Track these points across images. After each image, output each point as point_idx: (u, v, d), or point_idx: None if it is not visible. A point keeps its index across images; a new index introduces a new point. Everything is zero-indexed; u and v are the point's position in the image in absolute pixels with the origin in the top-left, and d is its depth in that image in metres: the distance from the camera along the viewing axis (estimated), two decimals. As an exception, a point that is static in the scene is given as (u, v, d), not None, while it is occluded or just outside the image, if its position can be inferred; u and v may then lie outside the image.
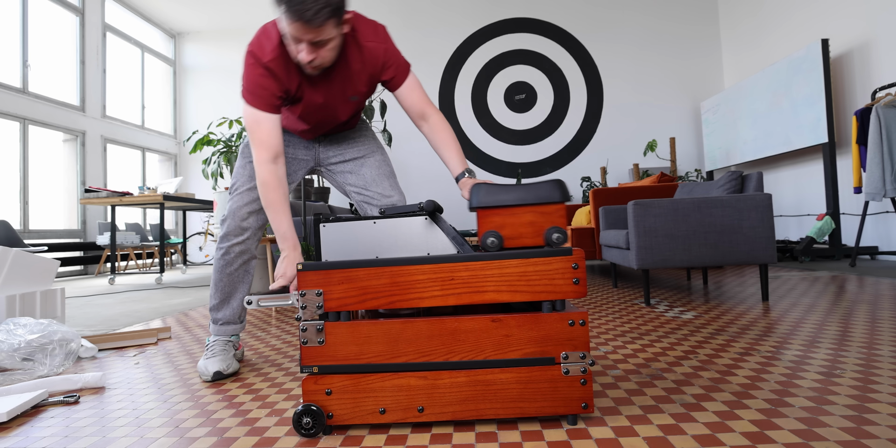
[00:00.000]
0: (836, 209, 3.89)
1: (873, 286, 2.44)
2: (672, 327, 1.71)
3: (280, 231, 1.21)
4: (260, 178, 1.22)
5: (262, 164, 1.21)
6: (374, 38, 1.23)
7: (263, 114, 1.20)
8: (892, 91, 3.67)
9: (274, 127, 1.22)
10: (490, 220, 0.97)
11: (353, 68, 1.24)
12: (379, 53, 1.24)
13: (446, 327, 0.90)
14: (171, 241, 6.18)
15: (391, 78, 1.28)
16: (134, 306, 2.85)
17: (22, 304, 1.79)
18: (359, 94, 1.30)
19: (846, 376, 1.10)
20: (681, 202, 2.11)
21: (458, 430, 0.90)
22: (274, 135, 1.21)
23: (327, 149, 1.45)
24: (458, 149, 1.31)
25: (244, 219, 1.37)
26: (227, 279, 1.39)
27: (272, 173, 1.21)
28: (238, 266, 1.39)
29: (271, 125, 1.21)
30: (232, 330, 1.41)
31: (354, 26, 1.21)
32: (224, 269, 1.39)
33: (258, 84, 1.19)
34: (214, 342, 1.38)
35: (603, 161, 5.91)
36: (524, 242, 0.96)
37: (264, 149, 1.21)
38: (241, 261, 1.39)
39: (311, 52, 1.10)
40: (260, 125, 1.21)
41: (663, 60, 5.90)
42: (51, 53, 5.54)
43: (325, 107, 1.30)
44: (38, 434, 0.97)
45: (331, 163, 1.46)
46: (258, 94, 1.19)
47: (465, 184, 1.22)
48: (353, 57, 1.23)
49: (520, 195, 0.95)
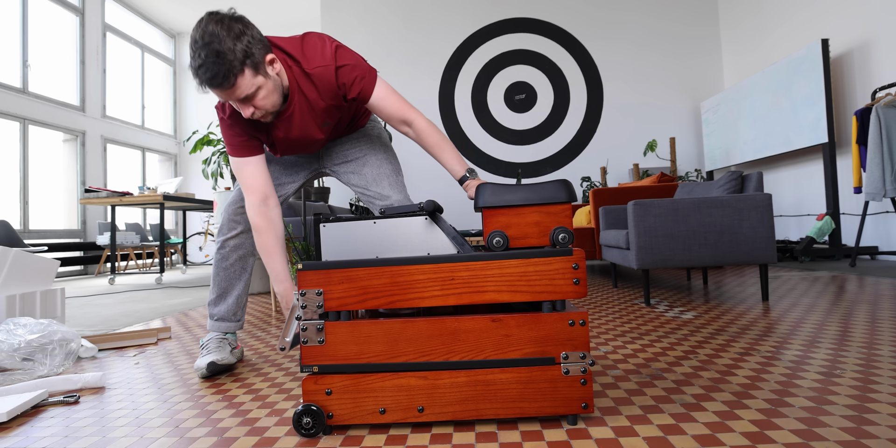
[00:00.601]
0: (836, 209, 3.89)
1: (873, 286, 2.44)
2: (672, 327, 1.71)
3: (273, 273, 1.25)
4: (252, 222, 1.25)
5: (252, 207, 1.25)
6: (320, 61, 1.15)
7: (244, 159, 1.25)
8: (892, 91, 3.67)
9: (257, 169, 1.25)
10: (496, 219, 0.97)
11: (310, 98, 1.20)
12: (329, 77, 1.16)
13: (446, 327, 0.90)
14: (171, 241, 6.18)
15: (357, 94, 1.21)
16: (134, 306, 2.85)
17: (22, 304, 1.79)
18: (331, 119, 1.28)
19: (846, 376, 1.10)
20: (681, 202, 2.11)
21: (458, 430, 0.90)
22: (258, 176, 1.25)
23: (330, 151, 1.46)
24: (453, 150, 1.25)
25: (236, 213, 1.39)
26: (223, 274, 1.41)
27: (262, 216, 1.24)
28: (233, 261, 1.41)
29: (254, 168, 1.25)
30: (227, 327, 1.42)
31: (293, 57, 1.16)
32: (220, 263, 1.41)
33: (229, 134, 1.24)
34: (209, 340, 1.38)
35: (603, 161, 5.91)
36: (530, 242, 0.97)
37: (251, 192, 1.25)
38: (236, 256, 1.41)
39: (248, 108, 1.11)
40: (243, 170, 1.25)
41: (663, 60, 5.90)
42: (51, 53, 5.54)
43: (302, 139, 1.29)
44: (38, 434, 0.97)
45: (334, 164, 1.46)
46: (232, 143, 1.24)
47: (471, 185, 1.20)
48: (306, 87, 1.18)
49: (526, 195, 0.95)
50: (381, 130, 1.51)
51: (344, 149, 1.45)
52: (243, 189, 1.26)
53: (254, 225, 1.25)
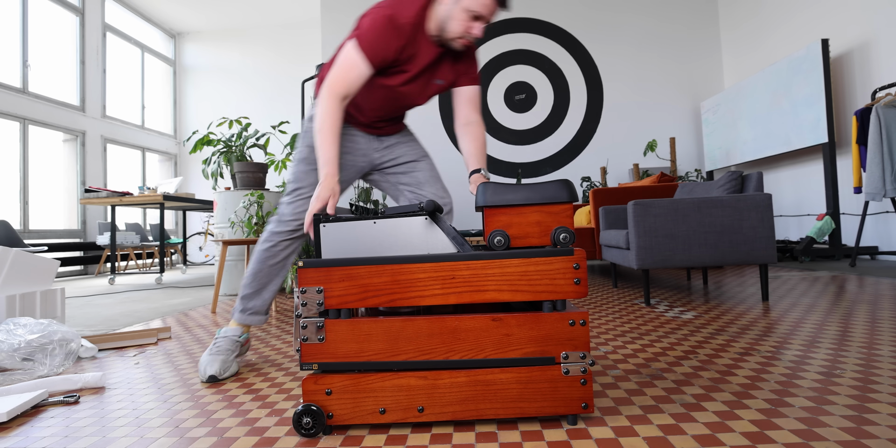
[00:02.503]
0: (836, 209, 3.89)
1: (873, 286, 2.44)
2: (672, 327, 1.71)
3: (326, 155, 1.22)
4: (325, 106, 1.24)
5: (332, 96, 1.24)
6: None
7: (364, 62, 1.24)
8: (892, 91, 3.67)
9: (361, 76, 1.26)
10: (497, 219, 0.97)
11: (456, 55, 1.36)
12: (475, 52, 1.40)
13: (447, 326, 0.90)
14: (171, 241, 6.18)
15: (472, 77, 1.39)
16: (134, 306, 2.85)
17: (22, 304, 1.79)
18: (445, 80, 1.38)
19: (846, 376, 1.10)
20: (681, 202, 2.11)
21: (458, 430, 0.90)
22: (357, 82, 1.26)
23: (382, 155, 1.51)
24: (483, 150, 1.39)
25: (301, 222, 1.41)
26: (266, 270, 1.42)
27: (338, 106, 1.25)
28: (280, 260, 1.43)
29: (360, 73, 1.25)
30: (257, 321, 1.44)
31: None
32: (267, 260, 1.41)
33: (382, 36, 1.22)
34: (224, 339, 1.38)
35: (603, 161, 5.91)
36: (531, 242, 0.96)
37: (343, 87, 1.25)
38: (284, 255, 1.43)
39: (481, 25, 1.22)
40: (353, 70, 1.24)
41: (663, 60, 5.90)
42: (51, 53, 5.54)
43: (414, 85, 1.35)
44: (38, 434, 0.97)
45: (386, 166, 1.52)
46: (375, 44, 1.22)
47: (476, 179, 1.29)
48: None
49: (527, 195, 0.95)
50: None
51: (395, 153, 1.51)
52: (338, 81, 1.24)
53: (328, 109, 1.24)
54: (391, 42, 1.23)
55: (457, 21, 1.21)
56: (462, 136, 1.40)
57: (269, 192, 3.42)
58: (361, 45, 1.22)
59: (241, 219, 3.23)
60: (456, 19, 1.21)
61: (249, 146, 4.07)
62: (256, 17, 7.24)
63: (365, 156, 1.48)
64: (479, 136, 1.40)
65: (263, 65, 7.45)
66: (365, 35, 1.22)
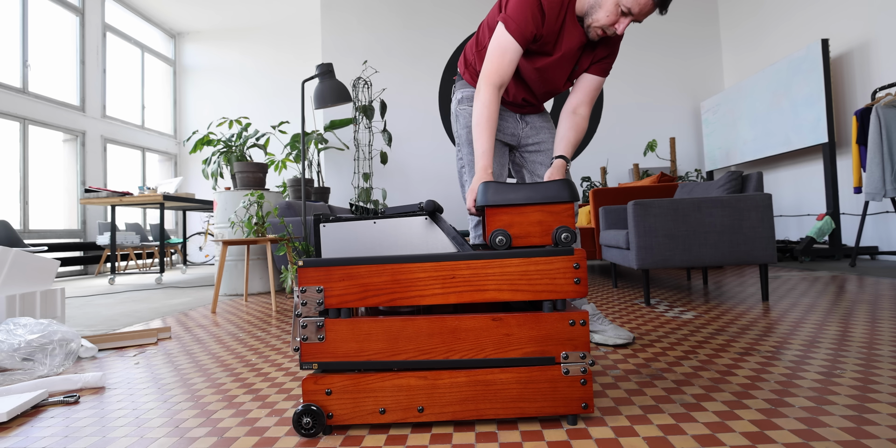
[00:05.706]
0: (836, 209, 3.89)
1: (873, 286, 2.44)
2: (672, 327, 1.71)
3: (482, 148, 1.26)
4: (483, 98, 1.27)
5: (490, 86, 1.27)
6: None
7: (513, 44, 1.26)
8: (892, 91, 3.67)
9: (514, 60, 1.27)
10: (498, 218, 0.97)
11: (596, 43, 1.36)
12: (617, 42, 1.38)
13: (447, 325, 0.90)
14: (171, 241, 6.18)
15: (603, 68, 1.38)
16: (134, 306, 2.85)
17: (22, 304, 1.79)
18: (580, 67, 1.39)
19: (846, 376, 1.10)
20: (681, 202, 2.11)
21: (458, 430, 0.90)
22: (511, 67, 1.28)
23: (528, 136, 1.55)
24: (577, 143, 1.40)
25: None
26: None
27: (495, 97, 1.28)
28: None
29: (513, 57, 1.27)
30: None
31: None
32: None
33: (529, 15, 1.24)
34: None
35: (603, 161, 5.91)
36: (532, 241, 0.96)
37: (498, 75, 1.27)
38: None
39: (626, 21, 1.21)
40: (505, 55, 1.27)
41: (663, 60, 5.90)
42: (51, 53, 5.54)
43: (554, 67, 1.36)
44: (38, 434, 0.97)
45: (528, 149, 1.55)
46: (521, 23, 1.24)
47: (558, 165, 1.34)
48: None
49: (528, 194, 0.95)
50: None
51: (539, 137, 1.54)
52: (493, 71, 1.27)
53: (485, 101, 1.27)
54: (536, 18, 1.24)
55: (605, 11, 1.20)
56: (564, 121, 1.41)
57: (269, 192, 3.42)
58: (509, 27, 1.25)
59: (241, 219, 3.23)
60: (605, 9, 1.20)
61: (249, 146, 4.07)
62: (256, 17, 7.24)
63: (513, 135, 1.53)
64: (580, 130, 1.40)
65: (263, 65, 7.45)
66: (511, 15, 1.24)
